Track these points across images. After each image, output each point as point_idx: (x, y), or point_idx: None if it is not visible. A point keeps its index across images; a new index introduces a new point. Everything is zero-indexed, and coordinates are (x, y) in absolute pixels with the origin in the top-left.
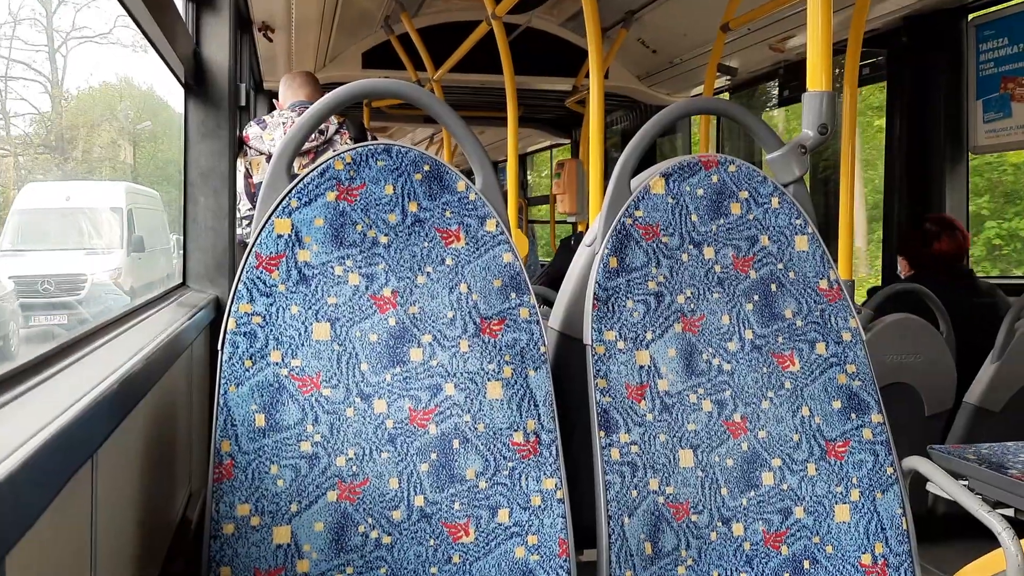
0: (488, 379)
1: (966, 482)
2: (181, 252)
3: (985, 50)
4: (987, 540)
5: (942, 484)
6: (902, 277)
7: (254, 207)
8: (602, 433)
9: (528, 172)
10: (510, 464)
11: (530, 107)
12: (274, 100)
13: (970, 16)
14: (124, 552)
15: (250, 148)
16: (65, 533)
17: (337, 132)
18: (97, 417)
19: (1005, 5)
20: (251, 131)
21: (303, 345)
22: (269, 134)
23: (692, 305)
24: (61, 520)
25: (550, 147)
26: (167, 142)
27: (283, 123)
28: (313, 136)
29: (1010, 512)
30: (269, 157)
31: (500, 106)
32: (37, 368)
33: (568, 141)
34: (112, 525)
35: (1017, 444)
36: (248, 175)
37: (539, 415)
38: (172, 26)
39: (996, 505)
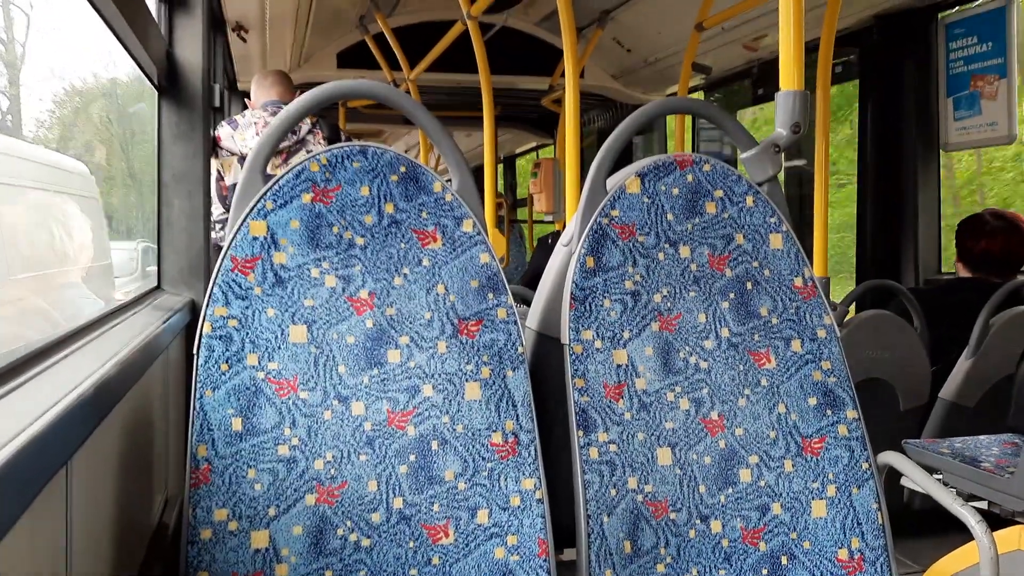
0: (466, 380)
1: (940, 476)
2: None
3: (955, 48)
4: (961, 533)
5: (916, 478)
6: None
7: (226, 210)
8: (580, 432)
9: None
10: (489, 465)
11: (511, 107)
12: (246, 100)
13: (940, 15)
14: (100, 559)
15: (221, 149)
16: (39, 541)
17: (310, 132)
18: (71, 423)
19: (974, 4)
20: (222, 132)
21: (280, 348)
22: (241, 134)
23: (668, 304)
24: (35, 528)
25: (536, 148)
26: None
27: (255, 123)
28: (286, 136)
29: (983, 505)
30: (242, 158)
31: (478, 106)
32: (9, 375)
33: (552, 142)
34: (87, 532)
35: (989, 438)
36: (220, 177)
37: (517, 415)
38: (144, 27)
39: (969, 498)
